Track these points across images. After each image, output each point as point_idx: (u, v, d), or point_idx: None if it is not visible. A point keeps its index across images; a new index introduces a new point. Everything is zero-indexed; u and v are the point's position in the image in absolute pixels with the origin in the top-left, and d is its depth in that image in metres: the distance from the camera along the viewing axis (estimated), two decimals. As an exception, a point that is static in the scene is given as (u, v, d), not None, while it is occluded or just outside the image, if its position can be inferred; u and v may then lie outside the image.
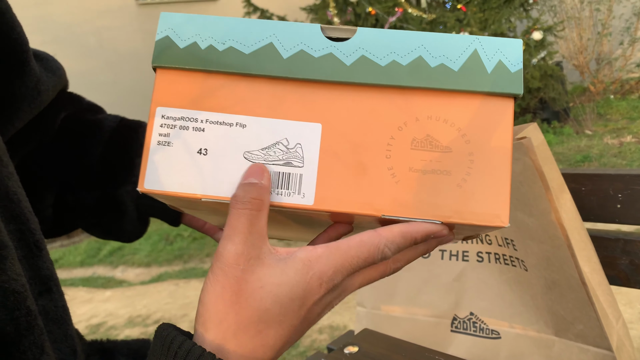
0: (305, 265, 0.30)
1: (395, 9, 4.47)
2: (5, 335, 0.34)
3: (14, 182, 0.39)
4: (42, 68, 0.51)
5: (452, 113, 0.33)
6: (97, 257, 4.16)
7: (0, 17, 0.44)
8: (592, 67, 5.51)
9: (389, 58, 0.33)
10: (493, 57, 0.33)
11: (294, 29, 0.34)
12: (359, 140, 0.33)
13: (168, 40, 0.34)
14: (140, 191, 0.34)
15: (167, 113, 0.34)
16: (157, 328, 0.31)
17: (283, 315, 0.30)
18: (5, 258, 0.34)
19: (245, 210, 0.31)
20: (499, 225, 0.32)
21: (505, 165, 0.33)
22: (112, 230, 0.58)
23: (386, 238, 0.32)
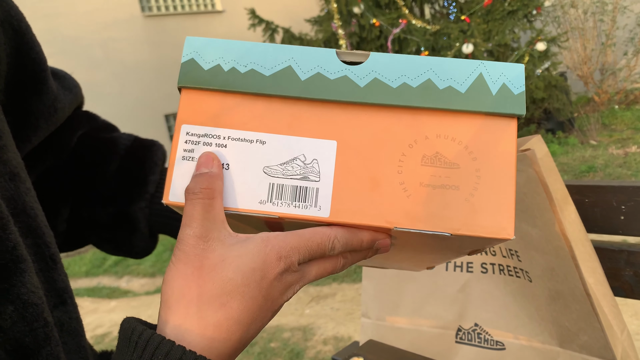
0: (263, 239, 0.32)
1: (399, 20, 4.50)
2: (24, 347, 0.35)
3: (31, 198, 0.41)
4: (60, 86, 0.52)
5: (459, 132, 0.35)
6: (102, 267, 4.17)
7: (21, 37, 0.46)
8: (596, 77, 5.52)
9: (400, 80, 0.35)
10: (497, 80, 0.35)
11: (311, 53, 0.36)
12: (372, 157, 0.35)
13: (193, 63, 0.36)
14: (165, 203, 0.35)
15: (191, 130, 0.36)
16: (122, 322, 0.31)
17: (245, 285, 0.30)
18: (24, 271, 0.35)
19: (197, 199, 0.32)
20: (505, 237, 0.34)
21: (510, 180, 0.34)
22: (123, 246, 0.59)
23: (338, 231, 0.34)
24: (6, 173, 0.39)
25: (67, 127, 0.56)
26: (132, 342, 0.29)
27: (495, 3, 4.50)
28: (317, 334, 2.41)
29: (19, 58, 0.46)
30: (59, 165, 0.56)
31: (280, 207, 0.35)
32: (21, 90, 0.47)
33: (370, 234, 0.35)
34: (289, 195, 0.35)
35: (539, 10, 4.58)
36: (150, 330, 0.29)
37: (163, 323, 0.30)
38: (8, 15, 0.45)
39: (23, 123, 0.47)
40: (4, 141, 0.39)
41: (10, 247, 0.35)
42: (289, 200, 0.35)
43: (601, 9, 5.44)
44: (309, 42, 4.92)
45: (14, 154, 0.40)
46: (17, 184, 0.39)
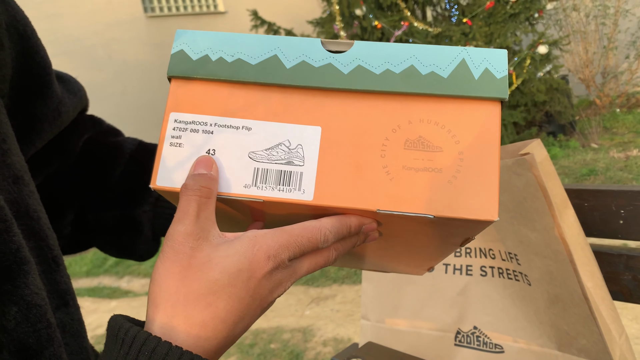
0: (251, 240, 0.32)
1: (401, 22, 4.50)
2: (28, 348, 0.35)
3: (34, 200, 0.41)
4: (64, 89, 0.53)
5: (442, 116, 0.36)
6: (102, 267, 4.18)
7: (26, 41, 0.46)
8: (598, 80, 5.52)
9: (383, 67, 0.36)
10: (480, 65, 0.36)
11: (296, 43, 0.37)
12: (355, 142, 0.36)
13: (182, 54, 0.38)
14: (152, 188, 0.36)
15: (179, 118, 0.37)
16: (109, 319, 0.31)
17: (232, 286, 0.31)
18: (28, 273, 0.36)
19: (194, 196, 0.33)
20: (489, 219, 0.34)
21: (494, 163, 0.35)
22: (127, 249, 0.59)
23: (326, 222, 0.34)
24: (10, 176, 0.39)
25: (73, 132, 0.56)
26: (119, 339, 0.29)
27: (497, 6, 4.50)
28: (317, 335, 2.41)
29: (24, 62, 0.47)
30: (64, 169, 0.56)
31: (265, 190, 0.36)
32: (26, 94, 0.47)
33: (357, 218, 0.36)
34: (273, 180, 0.36)
35: (540, 13, 4.58)
36: (136, 327, 0.29)
37: (150, 321, 0.30)
38: (14, 19, 0.45)
39: (27, 126, 0.48)
40: (8, 144, 0.40)
41: (14, 249, 0.35)
42: (273, 184, 0.36)
43: (603, 12, 5.43)
44: (310, 44, 4.92)
45: (18, 157, 0.41)
46: (21, 186, 0.40)
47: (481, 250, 0.68)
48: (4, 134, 0.40)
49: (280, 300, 2.84)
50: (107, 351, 0.30)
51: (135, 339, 0.29)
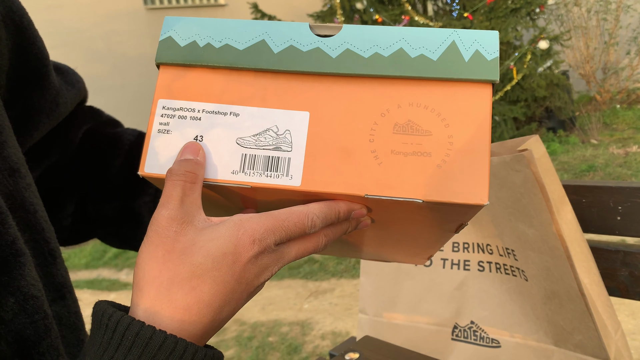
0: (236, 223, 0.32)
1: (402, 16, 4.49)
2: (25, 339, 0.35)
3: (30, 193, 0.41)
4: (62, 81, 0.53)
5: (432, 99, 0.35)
6: (102, 259, 4.18)
7: (22, 33, 0.46)
8: (598, 76, 5.51)
9: (372, 50, 0.36)
10: (470, 47, 0.35)
11: (284, 27, 0.37)
12: (344, 127, 0.36)
13: (170, 40, 0.37)
14: (140, 175, 0.36)
15: (167, 104, 0.37)
16: (94, 305, 0.31)
17: (216, 269, 0.30)
18: (24, 265, 0.36)
19: (179, 181, 0.33)
20: (478, 202, 0.34)
21: (484, 146, 0.34)
22: (128, 239, 0.60)
23: (314, 207, 0.34)
24: (6, 169, 0.39)
25: (72, 123, 0.56)
26: (103, 324, 0.29)
27: (499, 0, 4.48)
28: (315, 328, 2.42)
29: (20, 53, 0.46)
30: (64, 161, 0.56)
31: (252, 176, 0.35)
32: (23, 86, 0.47)
33: (345, 204, 0.35)
34: (261, 165, 0.35)
35: (542, 8, 4.56)
36: (120, 312, 0.29)
37: (135, 306, 0.30)
38: (10, 10, 0.45)
39: (24, 118, 0.47)
40: (4, 137, 0.40)
41: (9, 241, 0.35)
42: (260, 170, 0.35)
43: (605, 7, 5.42)
44: (311, 37, 4.91)
45: (14, 150, 0.41)
46: (17, 179, 0.40)
47: (479, 245, 0.68)
48: (0, 126, 0.39)
49: (279, 294, 2.85)
50: (92, 337, 0.30)
51: (119, 323, 0.29)
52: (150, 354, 0.28)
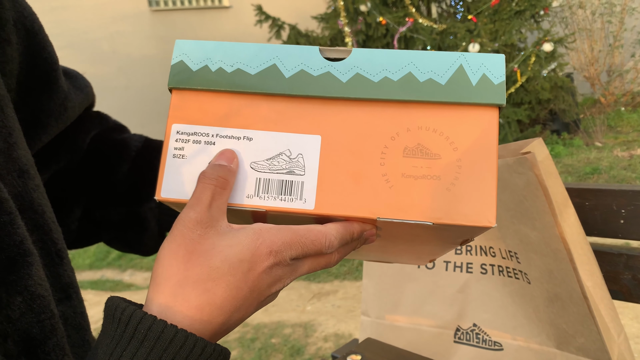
0: (255, 232, 0.33)
1: (406, 19, 4.49)
2: (32, 338, 0.36)
3: (39, 194, 0.41)
4: (71, 85, 0.54)
5: (440, 123, 0.36)
6: (105, 260, 4.20)
7: (33, 37, 0.47)
8: (603, 79, 5.49)
9: (381, 75, 0.36)
10: (477, 71, 0.36)
11: (294, 52, 0.37)
12: (355, 150, 0.36)
13: (182, 64, 0.38)
14: (157, 199, 0.37)
15: (181, 129, 0.37)
16: (106, 300, 0.32)
17: (231, 275, 0.31)
18: (31, 264, 0.36)
19: (210, 185, 0.34)
20: (486, 225, 0.34)
21: (491, 169, 0.35)
22: (133, 244, 0.60)
23: (332, 228, 0.35)
24: (15, 170, 0.39)
25: (80, 129, 0.57)
26: (116, 318, 0.30)
27: (503, 3, 4.47)
28: (318, 330, 2.42)
29: (31, 58, 0.47)
30: (72, 165, 0.57)
31: (267, 200, 0.36)
32: (32, 89, 0.48)
33: (359, 224, 0.36)
34: (275, 189, 0.36)
35: (546, 10, 4.56)
36: (132, 307, 0.30)
37: (149, 300, 0.31)
38: (21, 15, 0.46)
39: (34, 121, 0.48)
40: (14, 139, 0.40)
41: (18, 241, 0.36)
42: (275, 194, 0.36)
43: (609, 10, 5.40)
44: (315, 39, 4.91)
45: (24, 151, 0.41)
46: (26, 180, 0.40)
47: (481, 248, 0.68)
48: (10, 128, 0.40)
49: (282, 295, 2.85)
50: (104, 331, 0.30)
51: (132, 317, 0.29)
52: (162, 347, 0.28)
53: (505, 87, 0.36)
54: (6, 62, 0.44)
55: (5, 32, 0.43)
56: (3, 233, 0.35)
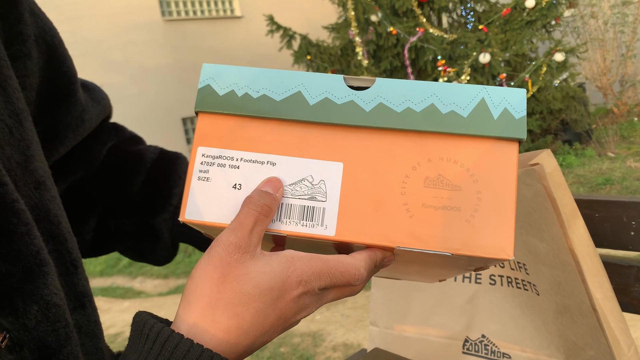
0: (287, 260, 0.33)
1: (416, 29, 4.50)
2: (47, 346, 0.36)
3: (55, 205, 0.42)
4: (88, 98, 0.55)
5: (461, 155, 0.36)
6: (116, 267, 4.22)
7: (53, 51, 0.48)
8: (615, 88, 5.46)
9: (404, 105, 0.37)
10: (499, 105, 0.36)
11: (319, 79, 0.38)
12: (376, 178, 0.36)
13: (209, 89, 0.38)
14: (181, 221, 0.37)
15: (207, 152, 0.38)
16: (134, 315, 0.33)
17: (261, 301, 0.32)
18: (47, 274, 0.37)
19: (255, 211, 0.34)
20: (504, 257, 0.35)
21: (510, 202, 0.35)
22: (146, 254, 0.61)
23: (360, 260, 0.35)
24: (32, 182, 0.40)
25: (97, 140, 0.58)
26: (144, 334, 0.31)
27: (514, 13, 4.47)
28: (327, 340, 2.41)
29: (50, 71, 0.48)
30: (88, 177, 0.58)
31: (289, 225, 0.36)
32: (51, 102, 0.49)
33: (381, 252, 0.37)
34: (296, 215, 0.37)
35: (557, 20, 4.55)
36: (160, 324, 0.31)
37: (179, 317, 0.32)
38: (42, 30, 0.47)
39: (52, 133, 0.49)
40: (32, 151, 0.41)
41: (34, 252, 0.37)
42: (296, 219, 0.36)
43: (622, 19, 5.38)
44: (325, 49, 4.94)
45: (41, 163, 0.42)
46: (42, 192, 0.41)
47: (490, 258, 0.68)
48: (28, 141, 0.41)
49: (291, 304, 2.84)
50: (132, 345, 0.31)
51: (160, 335, 0.30)
52: None
53: (526, 121, 0.36)
54: (27, 76, 0.45)
55: (27, 47, 0.45)
56: (20, 244, 0.36)
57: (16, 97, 0.41)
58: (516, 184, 0.36)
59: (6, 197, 0.36)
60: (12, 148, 0.39)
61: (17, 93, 0.41)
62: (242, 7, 8.41)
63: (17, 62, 0.44)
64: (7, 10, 0.43)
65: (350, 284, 0.35)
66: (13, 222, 0.36)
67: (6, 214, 0.35)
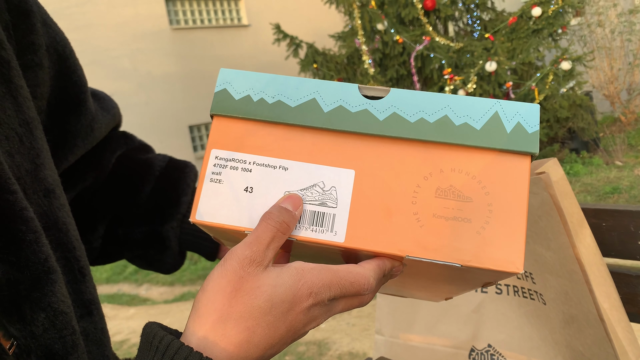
0: (298, 272, 0.33)
1: (422, 37, 4.51)
2: (54, 354, 0.37)
3: (64, 213, 0.43)
4: (98, 107, 0.56)
5: (473, 167, 0.36)
6: (122, 274, 4.23)
7: (64, 61, 0.49)
8: (623, 97, 5.43)
9: (418, 116, 0.37)
10: (512, 119, 0.36)
11: (334, 87, 0.38)
12: (388, 187, 0.37)
13: (225, 93, 0.39)
14: (191, 222, 0.37)
15: (220, 154, 0.38)
16: (144, 326, 0.33)
17: (272, 315, 0.32)
18: (55, 282, 0.37)
19: (274, 227, 0.34)
20: (514, 271, 0.35)
21: (521, 216, 0.35)
22: (154, 262, 0.61)
23: (369, 270, 0.35)
24: (41, 190, 0.41)
25: (106, 148, 0.59)
26: (154, 346, 0.31)
27: (520, 21, 4.48)
28: (332, 349, 2.40)
29: (61, 81, 0.49)
30: (98, 185, 0.59)
31: (298, 230, 0.36)
32: (62, 111, 0.50)
33: (390, 262, 0.37)
34: (307, 220, 0.37)
35: (564, 29, 4.54)
36: (170, 336, 0.31)
37: (189, 330, 0.32)
38: (54, 41, 0.48)
39: (61, 142, 0.50)
40: (42, 159, 0.42)
41: (42, 259, 0.37)
42: (307, 224, 0.36)
43: (629, 28, 5.37)
44: (332, 58, 4.96)
45: (50, 171, 0.43)
46: (51, 200, 0.42)
47: (496, 267, 0.68)
48: (38, 150, 0.42)
49: (296, 312, 2.83)
50: (141, 357, 0.31)
51: (169, 347, 0.30)
52: None
53: (538, 136, 0.36)
54: (38, 86, 0.46)
55: (38, 56, 0.46)
56: (28, 251, 0.36)
57: (27, 106, 0.41)
58: (527, 198, 0.36)
59: (15, 205, 0.36)
60: (21, 156, 0.40)
61: (28, 102, 0.42)
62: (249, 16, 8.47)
63: (28, 72, 0.44)
64: (20, 20, 0.44)
65: (360, 293, 0.35)
66: (22, 230, 0.36)
67: (15, 222, 0.36)
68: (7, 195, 0.36)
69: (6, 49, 0.40)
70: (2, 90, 0.39)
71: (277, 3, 8.61)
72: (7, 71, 0.40)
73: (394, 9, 4.61)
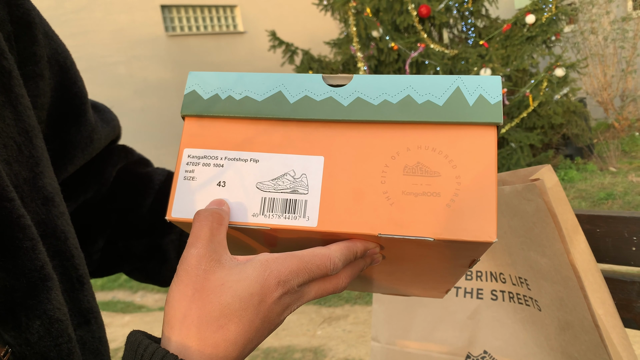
0: (262, 264, 0.33)
1: (417, 44, 4.53)
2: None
3: (63, 221, 0.43)
4: (98, 118, 0.56)
5: (439, 142, 0.37)
6: (117, 281, 4.21)
7: (65, 73, 0.49)
8: (616, 103, 5.47)
9: (381, 98, 0.38)
10: (474, 92, 0.37)
11: (299, 79, 0.39)
12: (357, 169, 0.37)
13: (194, 94, 0.40)
14: (167, 219, 0.38)
15: (192, 153, 0.39)
16: (128, 334, 0.33)
17: (243, 309, 0.32)
18: (51, 289, 0.38)
19: (207, 221, 0.35)
20: (487, 240, 0.35)
21: (491, 186, 0.36)
22: (152, 275, 0.62)
23: (335, 249, 0.36)
24: (39, 198, 0.41)
25: (107, 161, 0.59)
26: (139, 354, 0.31)
27: (514, 29, 4.51)
28: (329, 355, 2.39)
29: (62, 92, 0.50)
30: (97, 198, 0.59)
31: (272, 218, 0.37)
32: (62, 122, 0.50)
33: (362, 243, 0.37)
34: (279, 208, 0.37)
35: (558, 36, 4.58)
36: (155, 344, 0.31)
37: (166, 340, 0.32)
38: (55, 52, 0.49)
39: (61, 152, 0.50)
40: (41, 168, 0.42)
41: (39, 267, 0.37)
42: (279, 212, 0.37)
43: (622, 35, 5.41)
44: (327, 64, 4.98)
45: (50, 180, 0.43)
46: (50, 208, 0.42)
47: (492, 274, 0.68)
48: (38, 158, 0.42)
49: (292, 319, 2.83)
50: None
51: (154, 355, 0.30)
52: None
53: (502, 106, 0.37)
54: (38, 96, 0.46)
55: (40, 67, 0.46)
56: (25, 258, 0.36)
57: (27, 115, 0.42)
58: (496, 168, 0.36)
59: (12, 212, 0.36)
60: (20, 164, 0.40)
61: (29, 111, 0.42)
62: (244, 23, 8.49)
63: (29, 82, 0.45)
64: (22, 32, 0.44)
65: (327, 274, 0.35)
66: (18, 237, 0.36)
67: (12, 229, 0.36)
68: (4, 203, 0.36)
69: (8, 59, 0.41)
70: (2, 100, 0.39)
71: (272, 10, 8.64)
72: (8, 80, 0.40)
73: (389, 16, 4.63)
